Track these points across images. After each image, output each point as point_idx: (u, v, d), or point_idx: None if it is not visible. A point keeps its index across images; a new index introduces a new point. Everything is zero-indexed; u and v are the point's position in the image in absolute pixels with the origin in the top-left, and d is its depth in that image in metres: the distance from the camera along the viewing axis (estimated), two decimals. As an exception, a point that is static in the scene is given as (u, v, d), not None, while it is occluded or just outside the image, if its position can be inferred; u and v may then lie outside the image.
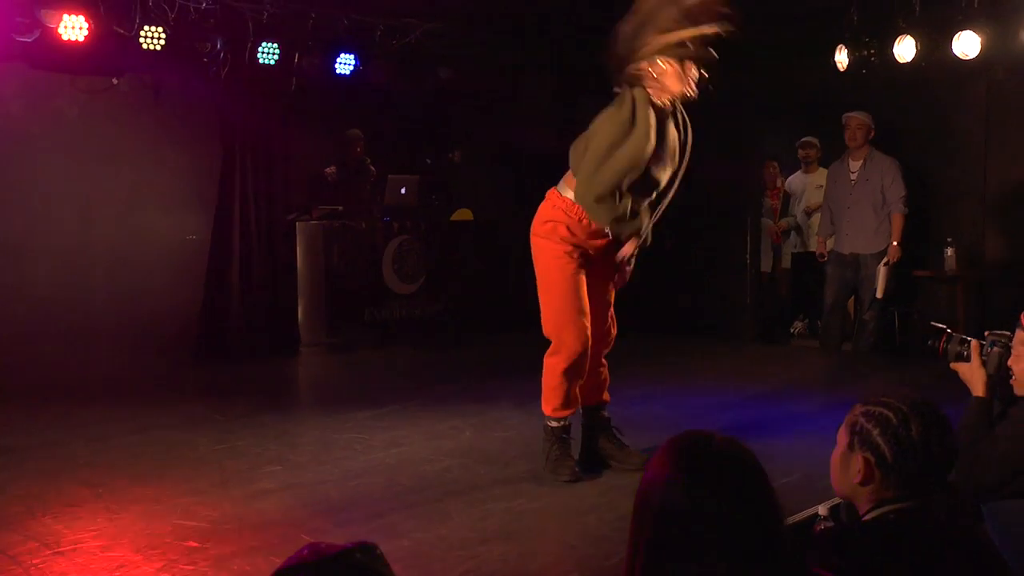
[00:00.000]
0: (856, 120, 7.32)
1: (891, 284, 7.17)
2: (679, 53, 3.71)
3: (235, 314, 7.32)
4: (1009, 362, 2.84)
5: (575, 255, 3.95)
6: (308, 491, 3.95)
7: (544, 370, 4.05)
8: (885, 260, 7.15)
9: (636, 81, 3.77)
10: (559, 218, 3.94)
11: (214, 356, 7.14)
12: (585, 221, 3.92)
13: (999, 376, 2.90)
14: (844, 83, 7.39)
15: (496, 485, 4.02)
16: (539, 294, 4.02)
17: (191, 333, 7.21)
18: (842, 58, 7.22)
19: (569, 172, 3.96)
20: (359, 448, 4.62)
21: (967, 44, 6.72)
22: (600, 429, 4.23)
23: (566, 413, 4.06)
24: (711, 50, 3.71)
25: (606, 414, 4.27)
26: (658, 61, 3.72)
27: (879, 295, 7.18)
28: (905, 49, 6.95)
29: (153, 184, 7.18)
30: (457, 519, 3.62)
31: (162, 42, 6.36)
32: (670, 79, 3.76)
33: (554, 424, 4.07)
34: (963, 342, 2.97)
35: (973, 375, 2.92)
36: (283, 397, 6.34)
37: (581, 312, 3.94)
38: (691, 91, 3.79)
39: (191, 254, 7.31)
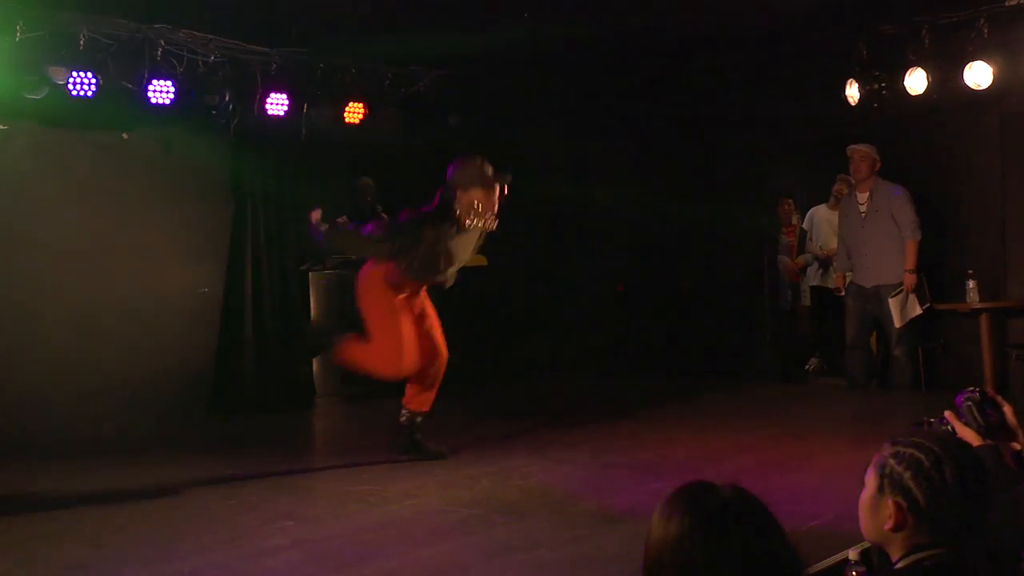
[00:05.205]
0: (859, 152, 7.26)
1: (908, 312, 7.05)
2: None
3: (248, 367, 7.26)
4: None
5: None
6: (319, 547, 3.84)
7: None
8: (895, 292, 7.05)
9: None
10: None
11: (227, 410, 7.05)
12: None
13: (996, 421, 2.80)
14: (856, 117, 7.32)
15: (515, 536, 3.91)
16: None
17: (204, 387, 7.14)
18: (853, 92, 7.15)
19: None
20: (373, 501, 4.52)
21: (979, 75, 6.65)
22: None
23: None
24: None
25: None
26: (471, 190, 5.19)
27: (897, 324, 7.08)
28: (916, 81, 6.89)
29: (164, 237, 7.15)
30: (473, 573, 3.50)
31: (171, 96, 6.37)
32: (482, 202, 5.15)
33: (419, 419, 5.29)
34: (942, 422, 2.89)
35: (964, 438, 2.82)
36: (297, 450, 6.24)
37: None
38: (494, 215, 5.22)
39: (203, 307, 7.27)
